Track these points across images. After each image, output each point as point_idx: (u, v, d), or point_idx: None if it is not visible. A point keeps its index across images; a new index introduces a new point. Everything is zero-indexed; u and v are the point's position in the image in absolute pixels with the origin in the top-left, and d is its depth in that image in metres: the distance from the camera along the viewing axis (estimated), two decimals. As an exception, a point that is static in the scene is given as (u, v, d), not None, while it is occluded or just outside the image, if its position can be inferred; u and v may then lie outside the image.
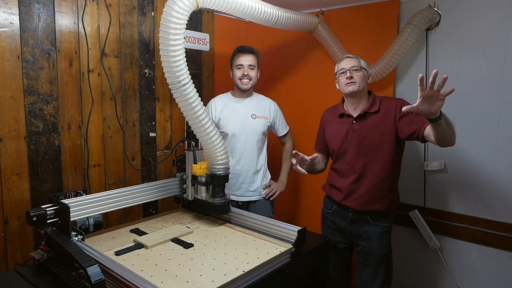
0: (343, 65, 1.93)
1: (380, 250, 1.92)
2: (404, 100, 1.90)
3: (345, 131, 1.95)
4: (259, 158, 2.33)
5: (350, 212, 1.95)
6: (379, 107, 1.90)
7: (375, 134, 1.87)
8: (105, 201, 1.63)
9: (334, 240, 2.04)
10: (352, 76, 1.88)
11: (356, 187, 1.92)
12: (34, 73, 1.77)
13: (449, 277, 2.29)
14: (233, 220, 1.82)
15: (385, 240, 1.93)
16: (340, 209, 2.00)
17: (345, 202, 1.96)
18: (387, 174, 1.88)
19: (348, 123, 1.95)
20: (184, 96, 1.62)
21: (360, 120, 1.92)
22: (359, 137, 1.90)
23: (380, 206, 1.89)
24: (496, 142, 2.07)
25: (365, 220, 1.93)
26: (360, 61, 1.93)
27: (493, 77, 2.05)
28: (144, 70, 2.24)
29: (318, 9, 2.52)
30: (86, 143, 1.99)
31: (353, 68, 1.89)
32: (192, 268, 1.34)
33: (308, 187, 2.81)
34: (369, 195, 1.89)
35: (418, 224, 2.31)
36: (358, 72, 1.89)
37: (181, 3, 1.57)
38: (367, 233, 1.93)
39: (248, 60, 2.25)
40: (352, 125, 1.93)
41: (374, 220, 1.91)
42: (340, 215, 2.00)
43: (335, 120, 2.03)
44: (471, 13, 2.09)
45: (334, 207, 2.03)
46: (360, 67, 1.90)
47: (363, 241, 1.95)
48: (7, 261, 1.74)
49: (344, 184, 1.95)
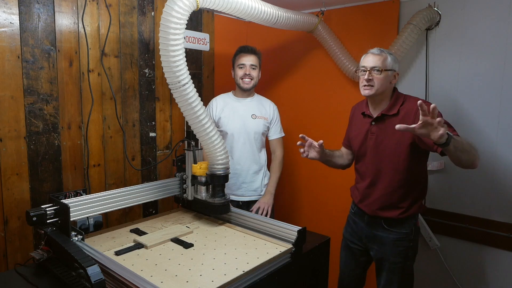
0: (366, 62, 1.74)
1: (393, 257, 1.80)
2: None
3: (365, 131, 1.84)
4: (259, 158, 2.33)
5: (366, 215, 1.87)
6: (398, 109, 1.73)
7: (391, 139, 1.73)
8: (105, 201, 1.64)
9: (350, 240, 1.97)
10: (371, 78, 1.70)
11: (370, 192, 1.83)
12: (34, 73, 1.77)
13: (449, 277, 2.28)
14: (233, 220, 1.82)
15: (401, 248, 1.79)
16: (359, 211, 1.91)
17: (360, 205, 1.89)
18: (401, 183, 1.74)
19: (368, 123, 1.83)
20: (184, 96, 1.62)
21: (379, 122, 1.78)
22: (376, 141, 1.78)
23: (391, 214, 1.77)
24: (496, 142, 2.07)
25: (379, 224, 1.82)
26: (386, 59, 1.71)
27: (493, 77, 2.05)
28: (144, 70, 2.24)
29: (318, 9, 2.52)
30: (86, 143, 1.99)
31: (375, 69, 1.70)
32: (192, 268, 1.34)
33: (308, 187, 2.81)
34: (380, 203, 1.79)
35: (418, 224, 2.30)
36: (379, 75, 1.70)
37: (181, 3, 1.57)
38: (382, 238, 1.83)
39: (250, 60, 2.25)
40: (371, 127, 1.81)
41: (389, 226, 1.80)
42: (359, 216, 1.92)
43: (359, 118, 1.91)
44: (471, 13, 2.09)
45: (356, 208, 1.95)
46: (384, 68, 1.70)
47: (376, 246, 1.86)
48: (7, 261, 1.74)
49: (362, 186, 1.87)
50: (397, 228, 1.79)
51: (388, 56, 1.73)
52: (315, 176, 2.74)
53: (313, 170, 2.72)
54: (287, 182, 2.89)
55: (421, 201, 1.82)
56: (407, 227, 1.79)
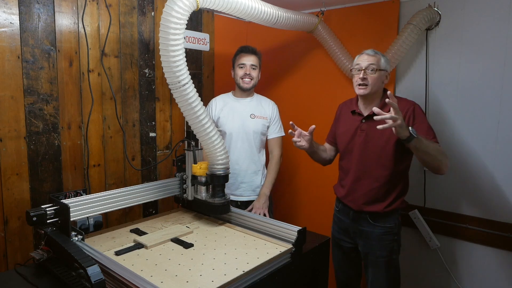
0: (360, 62, 1.82)
1: (380, 251, 1.88)
2: (417, 105, 1.82)
3: (354, 129, 1.91)
4: (258, 158, 2.33)
5: (351, 210, 1.94)
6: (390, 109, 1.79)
7: (381, 137, 1.81)
8: (105, 201, 1.64)
9: (339, 238, 2.03)
10: (366, 77, 1.78)
11: (357, 187, 1.90)
12: (34, 73, 1.77)
13: (449, 277, 2.29)
14: (233, 220, 1.82)
15: (386, 242, 1.87)
16: (344, 207, 1.98)
17: (345, 201, 1.95)
18: (387, 178, 1.83)
19: (358, 121, 1.90)
20: (184, 96, 1.62)
21: (369, 120, 1.85)
22: (366, 138, 1.86)
23: (377, 208, 1.85)
24: (496, 142, 2.07)
25: (365, 219, 1.90)
26: (380, 59, 1.80)
27: (493, 77, 2.05)
28: (144, 70, 2.24)
29: (318, 9, 2.52)
30: (86, 143, 1.99)
31: (370, 68, 1.78)
32: (192, 268, 1.34)
33: (308, 187, 2.81)
34: (367, 198, 1.86)
35: (418, 224, 2.30)
36: (373, 74, 1.78)
37: (181, 3, 1.57)
38: (367, 233, 1.90)
39: (250, 60, 2.26)
40: (361, 124, 1.88)
41: (374, 221, 1.88)
42: (344, 213, 1.99)
43: (348, 116, 1.98)
44: (471, 13, 2.09)
45: (340, 205, 2.03)
46: (378, 68, 1.78)
47: (362, 241, 1.94)
48: (7, 261, 1.74)
49: (347, 182, 1.94)
50: (382, 222, 1.87)
51: (381, 57, 1.82)
52: (315, 176, 2.74)
53: (313, 170, 2.72)
54: (287, 182, 2.89)
55: (403, 197, 1.91)
56: (391, 221, 1.88)
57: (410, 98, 2.13)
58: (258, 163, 2.33)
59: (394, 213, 1.88)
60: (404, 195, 1.91)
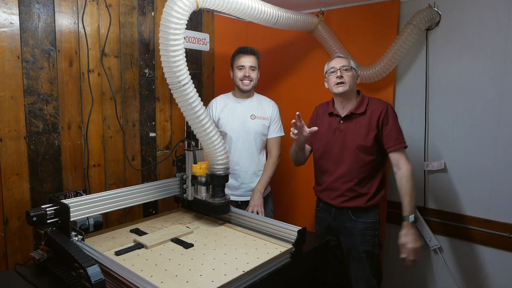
0: (334, 64, 1.95)
1: (362, 246, 1.93)
2: (390, 105, 1.93)
3: (332, 130, 1.99)
4: (258, 158, 2.33)
5: (333, 208, 1.99)
6: (366, 108, 1.92)
7: (359, 135, 1.90)
8: (105, 201, 1.63)
9: None
10: (342, 75, 1.89)
11: (337, 186, 1.95)
12: (34, 73, 1.77)
13: (449, 277, 2.29)
14: (233, 220, 1.82)
15: (368, 237, 1.93)
16: (325, 206, 2.04)
17: (327, 199, 2.00)
18: (366, 174, 1.91)
19: (336, 122, 1.99)
20: (184, 96, 1.62)
21: (347, 120, 1.95)
22: (344, 137, 1.93)
23: (358, 203, 1.92)
24: (496, 142, 2.07)
25: (347, 215, 1.95)
26: (350, 61, 1.95)
27: (493, 77, 2.05)
28: (144, 70, 2.24)
29: (318, 9, 2.52)
30: (86, 143, 1.99)
31: (344, 67, 1.91)
32: (192, 268, 1.34)
33: (308, 187, 2.80)
34: (348, 194, 1.92)
35: (418, 224, 2.30)
36: (348, 72, 1.91)
37: (181, 3, 1.57)
38: (350, 229, 1.95)
39: (249, 61, 2.25)
40: (339, 125, 1.97)
41: (356, 216, 1.94)
42: (325, 211, 2.04)
43: (326, 117, 2.05)
44: (471, 13, 2.09)
45: (321, 204, 2.08)
46: (350, 67, 1.92)
47: (345, 237, 1.98)
48: (7, 261, 1.74)
49: (327, 181, 2.00)
50: (363, 218, 1.94)
51: (350, 59, 1.98)
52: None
53: (313, 170, 2.72)
54: (287, 182, 2.89)
55: (383, 192, 1.99)
56: (372, 217, 1.95)
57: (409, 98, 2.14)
58: (258, 164, 2.33)
59: (374, 208, 1.95)
60: (383, 189, 1.98)
